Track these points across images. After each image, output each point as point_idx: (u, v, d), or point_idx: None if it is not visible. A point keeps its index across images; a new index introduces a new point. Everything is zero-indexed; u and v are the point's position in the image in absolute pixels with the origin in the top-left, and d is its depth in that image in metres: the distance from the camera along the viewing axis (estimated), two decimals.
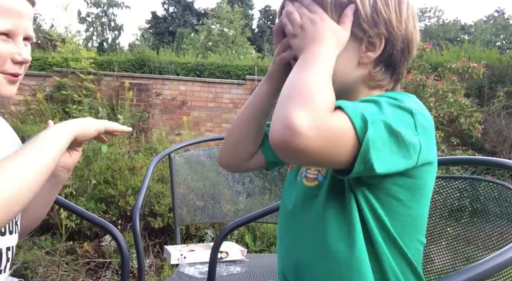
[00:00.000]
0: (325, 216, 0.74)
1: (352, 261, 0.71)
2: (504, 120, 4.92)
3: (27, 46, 0.87)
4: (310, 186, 0.79)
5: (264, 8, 30.43)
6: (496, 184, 0.98)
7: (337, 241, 0.73)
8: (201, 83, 6.46)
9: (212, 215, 1.86)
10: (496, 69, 5.68)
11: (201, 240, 2.75)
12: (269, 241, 2.86)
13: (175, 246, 1.83)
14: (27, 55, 0.85)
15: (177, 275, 1.47)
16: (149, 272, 2.50)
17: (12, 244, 0.88)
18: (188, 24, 26.07)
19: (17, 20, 0.83)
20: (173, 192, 1.78)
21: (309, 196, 0.78)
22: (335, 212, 0.73)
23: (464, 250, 0.99)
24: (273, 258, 1.73)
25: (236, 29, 15.49)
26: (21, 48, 0.84)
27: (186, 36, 17.13)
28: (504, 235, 0.93)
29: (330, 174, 0.75)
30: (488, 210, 0.98)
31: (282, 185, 1.87)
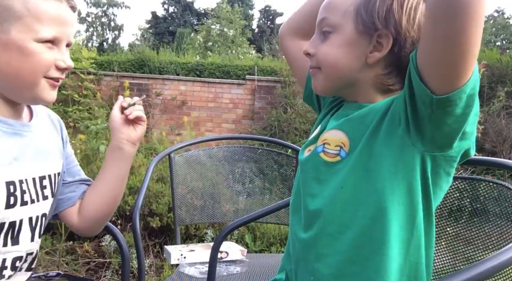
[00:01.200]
0: (354, 189, 0.75)
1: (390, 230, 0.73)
2: (504, 120, 4.92)
3: (67, 51, 0.89)
4: (331, 161, 0.80)
5: (264, 8, 30.43)
6: (496, 184, 0.98)
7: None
8: (201, 83, 6.46)
9: (212, 215, 1.86)
10: (496, 69, 5.67)
11: (201, 240, 2.75)
12: (269, 241, 2.86)
13: (175, 246, 1.83)
14: (70, 62, 0.88)
15: (177, 275, 1.47)
16: (149, 272, 2.50)
17: (35, 249, 0.94)
18: (188, 24, 26.07)
19: (62, 27, 0.85)
20: (173, 192, 1.78)
21: (330, 170, 0.80)
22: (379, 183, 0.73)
23: (464, 250, 0.99)
24: (273, 258, 1.73)
25: (236, 29, 15.49)
26: (65, 55, 0.87)
27: (186, 36, 17.13)
28: (504, 235, 0.93)
29: (361, 149, 0.76)
30: (488, 210, 0.98)
31: (282, 185, 1.88)
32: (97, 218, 1.05)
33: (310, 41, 0.84)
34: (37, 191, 0.91)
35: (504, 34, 28.21)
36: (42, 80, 0.86)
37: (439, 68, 0.63)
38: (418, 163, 0.71)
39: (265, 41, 18.82)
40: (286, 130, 5.53)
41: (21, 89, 0.86)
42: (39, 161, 0.93)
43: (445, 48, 0.61)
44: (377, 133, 0.75)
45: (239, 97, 6.44)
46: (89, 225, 1.06)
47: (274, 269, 1.55)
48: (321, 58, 0.81)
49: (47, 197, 0.94)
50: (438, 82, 0.64)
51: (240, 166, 1.94)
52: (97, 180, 1.06)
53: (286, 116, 5.60)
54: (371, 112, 0.78)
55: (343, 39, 0.78)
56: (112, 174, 1.03)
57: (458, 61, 0.61)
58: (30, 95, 0.87)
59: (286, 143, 1.92)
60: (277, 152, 1.98)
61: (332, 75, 0.81)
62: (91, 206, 1.04)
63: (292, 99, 5.72)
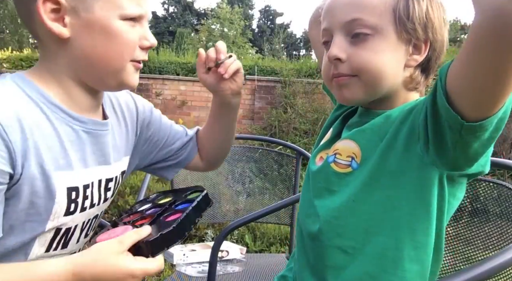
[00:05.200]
0: (365, 201, 0.73)
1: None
2: None
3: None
4: (342, 172, 0.77)
5: (264, 8, 30.42)
6: (496, 184, 0.98)
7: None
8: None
9: (212, 215, 1.86)
10: None
11: (201, 240, 2.75)
12: (269, 241, 2.86)
13: (174, 246, 1.83)
14: (154, 39, 0.79)
15: (177, 275, 1.47)
16: None
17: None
18: (188, 24, 26.07)
19: (145, 0, 0.77)
20: None
21: (341, 182, 0.77)
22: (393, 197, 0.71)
23: (464, 250, 0.99)
24: (271, 258, 1.73)
25: (236, 30, 15.49)
26: (147, 32, 0.78)
27: (186, 36, 17.12)
28: (504, 235, 0.93)
29: (375, 161, 0.72)
30: (488, 210, 0.98)
31: (282, 185, 1.88)
32: (218, 157, 1.08)
33: (334, 44, 0.73)
34: (100, 194, 0.84)
35: None
36: (128, 64, 0.77)
37: (476, 95, 0.58)
38: (436, 181, 0.68)
39: (265, 41, 18.81)
40: (286, 130, 5.53)
41: (106, 75, 0.76)
42: (109, 163, 0.85)
43: (488, 77, 0.55)
44: (392, 147, 0.71)
45: None
46: (213, 164, 1.09)
47: (273, 269, 1.55)
48: (362, 66, 0.72)
49: (107, 199, 0.87)
50: (471, 109, 0.58)
51: (240, 166, 1.94)
52: (210, 128, 1.04)
53: (286, 116, 5.60)
54: (385, 122, 0.74)
55: (385, 43, 0.71)
56: (223, 123, 1.02)
57: (498, 90, 0.56)
58: (115, 81, 0.78)
59: (286, 143, 1.92)
60: (277, 152, 1.98)
61: (374, 84, 0.73)
62: (210, 151, 1.05)
63: (292, 99, 5.72)
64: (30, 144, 0.69)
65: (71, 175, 0.76)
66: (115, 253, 0.68)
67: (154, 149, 1.00)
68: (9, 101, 0.68)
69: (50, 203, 0.72)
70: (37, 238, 0.74)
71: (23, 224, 0.72)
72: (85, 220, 0.83)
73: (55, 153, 0.73)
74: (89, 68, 0.75)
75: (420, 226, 0.70)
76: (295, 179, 1.76)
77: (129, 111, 0.94)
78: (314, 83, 5.88)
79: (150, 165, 1.03)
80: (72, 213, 0.77)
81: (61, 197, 0.74)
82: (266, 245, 2.83)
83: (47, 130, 0.72)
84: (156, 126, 1.00)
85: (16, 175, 0.68)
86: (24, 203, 0.70)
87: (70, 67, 0.75)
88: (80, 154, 0.78)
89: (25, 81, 0.73)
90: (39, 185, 0.71)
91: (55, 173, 0.72)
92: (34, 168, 0.69)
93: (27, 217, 0.72)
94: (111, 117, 0.87)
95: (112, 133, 0.86)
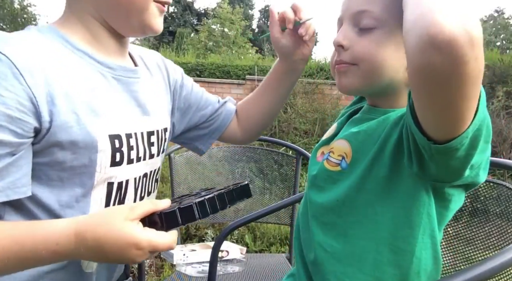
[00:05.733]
0: (354, 203, 0.72)
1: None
2: (504, 120, 4.92)
3: None
4: (331, 170, 0.77)
5: (264, 8, 30.40)
6: (496, 184, 0.98)
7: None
8: (201, 83, 6.44)
9: (212, 215, 1.85)
10: (497, 69, 5.67)
11: (201, 240, 2.75)
12: (269, 241, 2.86)
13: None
14: None
15: (177, 275, 1.47)
16: (149, 272, 2.49)
17: None
18: (188, 24, 26.05)
19: None
20: (173, 192, 1.77)
21: (329, 179, 0.77)
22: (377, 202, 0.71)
23: (464, 250, 0.99)
24: (271, 258, 1.73)
25: (237, 30, 15.49)
26: None
27: (186, 36, 17.12)
28: (504, 235, 0.93)
29: (365, 165, 0.71)
30: (488, 210, 0.98)
31: (282, 185, 1.88)
32: (261, 128, 1.06)
33: (340, 31, 0.74)
34: (145, 147, 0.81)
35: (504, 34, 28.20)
36: (152, 4, 0.75)
37: (435, 119, 0.56)
38: (423, 191, 0.67)
39: (265, 41, 18.80)
40: (286, 130, 5.53)
41: (129, 14, 0.74)
42: (147, 114, 0.82)
43: (436, 107, 0.54)
44: (382, 153, 0.70)
45: (239, 97, 6.42)
46: (254, 135, 1.07)
47: (273, 269, 1.55)
48: (362, 55, 0.72)
49: (153, 156, 0.84)
50: (435, 130, 0.57)
51: (240, 166, 1.94)
52: (263, 97, 1.01)
53: (286, 116, 5.60)
54: (380, 125, 0.73)
55: (389, 36, 0.70)
56: (282, 91, 0.99)
57: (454, 115, 0.54)
58: (138, 22, 0.76)
59: (286, 143, 1.92)
60: (277, 152, 1.98)
61: (372, 75, 0.73)
62: (257, 120, 1.04)
63: (292, 99, 5.72)
64: (57, 88, 0.65)
65: (110, 122, 0.72)
66: (123, 218, 0.60)
67: (188, 112, 0.99)
68: (29, 46, 0.66)
69: (93, 152, 0.70)
70: (91, 193, 0.72)
71: (72, 177, 0.69)
72: (136, 177, 0.79)
73: (88, 99, 0.70)
74: (113, 7, 0.74)
75: (400, 233, 0.70)
76: (295, 179, 1.76)
77: (159, 69, 0.93)
78: (314, 83, 5.88)
79: (184, 133, 1.02)
80: (119, 163, 0.74)
81: (104, 145, 0.71)
82: (266, 245, 2.83)
83: (76, 75, 0.70)
84: (188, 89, 1.00)
85: (44, 123, 0.64)
86: (66, 153, 0.67)
87: (95, 7, 0.74)
88: (113, 101, 0.75)
89: (50, 28, 0.72)
90: (77, 133, 0.67)
91: (92, 120, 0.69)
92: (66, 114, 0.66)
93: (73, 170, 0.69)
94: (141, 67, 0.85)
95: (144, 83, 0.83)
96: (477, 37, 0.48)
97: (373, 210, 0.71)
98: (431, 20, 0.49)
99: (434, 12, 0.49)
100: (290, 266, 1.61)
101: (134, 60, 0.85)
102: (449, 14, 0.49)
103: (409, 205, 0.69)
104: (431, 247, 0.71)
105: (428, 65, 0.49)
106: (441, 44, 0.47)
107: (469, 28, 0.48)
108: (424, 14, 0.50)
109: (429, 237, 0.70)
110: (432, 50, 0.48)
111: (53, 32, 0.72)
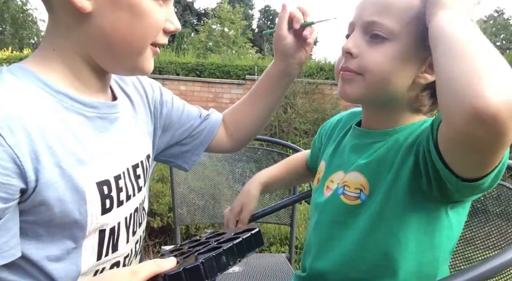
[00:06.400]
0: (377, 231, 0.73)
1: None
2: None
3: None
4: (351, 204, 0.76)
5: (264, 8, 30.42)
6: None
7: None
8: (201, 83, 6.47)
9: (212, 215, 1.86)
10: None
11: None
12: (269, 241, 2.86)
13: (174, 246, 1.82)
14: (178, 23, 0.72)
15: None
16: None
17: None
18: (188, 24, 26.06)
19: None
20: (173, 191, 1.78)
21: (350, 214, 0.76)
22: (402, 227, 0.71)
23: (464, 250, 0.99)
24: (271, 258, 1.73)
25: (237, 29, 15.49)
26: (172, 14, 0.71)
27: (186, 36, 17.12)
28: (504, 235, 0.93)
29: (384, 193, 0.72)
30: (488, 210, 0.98)
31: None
32: (251, 136, 1.03)
33: (351, 38, 0.73)
34: (133, 183, 0.76)
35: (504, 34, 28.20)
36: (148, 48, 0.69)
37: (465, 164, 0.58)
38: (443, 211, 0.69)
39: (265, 41, 18.81)
40: (286, 130, 5.53)
41: (123, 57, 0.69)
42: (130, 147, 0.77)
43: (471, 163, 0.57)
44: (399, 179, 0.70)
45: (239, 97, 6.42)
46: (238, 144, 1.04)
47: (273, 269, 1.55)
48: (370, 66, 0.71)
49: (141, 188, 0.79)
50: (464, 171, 0.58)
51: (240, 166, 1.94)
52: (254, 102, 0.98)
53: (286, 116, 5.60)
54: (390, 151, 0.73)
55: (400, 52, 0.69)
56: (275, 97, 0.96)
57: (487, 163, 0.56)
58: (131, 65, 0.70)
59: (287, 143, 1.92)
60: (277, 152, 1.98)
61: (377, 87, 0.72)
62: (247, 129, 1.00)
63: (292, 99, 5.72)
64: (40, 143, 0.60)
65: (97, 168, 0.67)
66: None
67: (170, 129, 0.95)
68: (3, 96, 0.58)
69: (82, 205, 0.64)
70: (82, 245, 0.67)
71: (61, 231, 0.64)
72: (127, 216, 0.75)
73: (71, 147, 0.64)
74: (106, 48, 0.67)
75: (425, 258, 0.71)
76: None
77: (136, 89, 0.88)
78: (314, 83, 5.88)
79: (165, 150, 0.97)
80: (109, 210, 0.69)
81: (93, 195, 0.66)
82: (266, 245, 2.83)
83: (56, 123, 0.63)
84: (169, 105, 0.94)
85: (30, 183, 0.59)
86: (53, 212, 0.62)
87: (83, 45, 0.67)
88: (99, 144, 0.69)
89: (24, 70, 0.64)
90: (63, 187, 0.62)
91: (78, 170, 0.64)
92: (51, 170, 0.61)
93: (63, 226, 0.64)
94: (121, 97, 0.80)
95: (124, 114, 0.79)
96: None
97: (397, 239, 0.71)
98: (474, 93, 0.48)
99: (474, 81, 0.49)
100: (290, 266, 1.61)
101: (112, 89, 0.80)
102: (494, 83, 0.48)
103: (430, 229, 0.69)
104: (446, 264, 0.73)
105: (470, 135, 0.50)
106: (486, 118, 0.47)
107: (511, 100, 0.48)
108: (468, 79, 0.50)
109: (448, 255, 0.73)
110: (476, 122, 0.48)
111: (28, 74, 0.64)
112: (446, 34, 0.56)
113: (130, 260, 0.79)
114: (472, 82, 0.49)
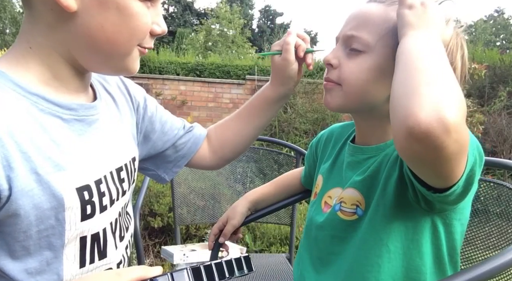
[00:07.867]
0: (370, 247, 0.74)
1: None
2: (505, 120, 4.92)
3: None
4: (348, 219, 0.78)
5: (264, 8, 30.42)
6: (496, 184, 0.98)
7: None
8: (201, 83, 6.46)
9: (212, 215, 1.86)
10: (498, 69, 5.67)
11: (201, 240, 2.75)
12: (269, 241, 2.86)
13: (174, 246, 1.83)
14: (165, 26, 0.70)
15: None
16: None
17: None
18: (188, 24, 26.08)
19: None
20: (173, 192, 1.78)
21: (349, 229, 0.78)
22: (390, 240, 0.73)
23: (464, 250, 0.99)
24: (271, 258, 1.73)
25: (235, 29, 15.49)
26: (160, 16, 0.69)
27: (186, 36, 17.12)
28: (504, 235, 0.93)
29: (374, 206, 0.74)
30: (488, 210, 0.98)
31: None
32: (236, 155, 1.02)
33: (332, 50, 0.77)
34: (117, 187, 0.73)
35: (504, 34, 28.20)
36: (135, 49, 0.68)
37: (429, 180, 0.61)
38: (429, 220, 0.71)
39: (265, 41, 18.81)
40: (286, 130, 5.53)
41: (110, 58, 0.67)
42: (113, 150, 0.74)
43: (431, 176, 0.60)
44: (385, 192, 0.72)
45: (239, 97, 6.43)
46: (220, 162, 1.01)
47: (273, 269, 1.55)
48: (347, 76, 0.74)
49: (125, 192, 0.77)
50: (432, 182, 0.61)
51: (241, 166, 1.94)
52: (245, 122, 0.97)
53: (286, 116, 5.60)
54: (381, 165, 0.75)
55: (376, 64, 0.72)
56: (269, 117, 0.96)
57: (446, 175, 0.58)
58: (116, 65, 0.69)
59: (287, 143, 1.92)
60: (277, 152, 1.98)
61: (355, 97, 0.75)
62: (229, 146, 0.99)
63: (292, 99, 5.72)
64: (12, 149, 0.56)
65: (77, 173, 0.64)
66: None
67: (152, 136, 0.92)
68: None
69: (60, 211, 0.61)
70: (62, 254, 0.64)
71: (38, 242, 0.61)
72: (112, 221, 0.72)
73: (47, 152, 0.61)
74: (90, 48, 0.64)
75: (413, 264, 0.72)
76: None
77: (121, 90, 0.85)
78: (314, 83, 5.88)
79: (146, 160, 0.94)
80: (91, 216, 0.66)
81: (72, 201, 0.63)
82: (266, 245, 2.83)
83: (31, 127, 0.60)
84: (152, 111, 0.92)
85: (2, 191, 0.55)
86: (29, 220, 0.59)
87: (64, 44, 0.64)
88: (78, 147, 0.66)
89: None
90: (40, 194, 0.59)
91: (56, 175, 0.61)
92: (26, 177, 0.57)
93: (39, 234, 0.61)
94: (104, 97, 0.78)
95: (107, 115, 0.76)
96: (453, 123, 0.50)
97: (387, 249, 0.72)
98: (408, 112, 0.52)
99: (411, 100, 0.52)
100: (290, 266, 1.61)
101: (94, 88, 0.76)
102: (427, 101, 0.51)
103: (417, 238, 0.71)
104: (439, 269, 0.73)
105: (411, 151, 0.53)
106: (418, 135, 0.51)
107: (443, 117, 0.50)
108: (406, 99, 0.53)
109: (437, 261, 0.73)
110: (411, 139, 0.51)
111: (1, 78, 0.60)
112: (406, 55, 0.60)
113: (124, 267, 0.77)
114: (409, 102, 0.52)
